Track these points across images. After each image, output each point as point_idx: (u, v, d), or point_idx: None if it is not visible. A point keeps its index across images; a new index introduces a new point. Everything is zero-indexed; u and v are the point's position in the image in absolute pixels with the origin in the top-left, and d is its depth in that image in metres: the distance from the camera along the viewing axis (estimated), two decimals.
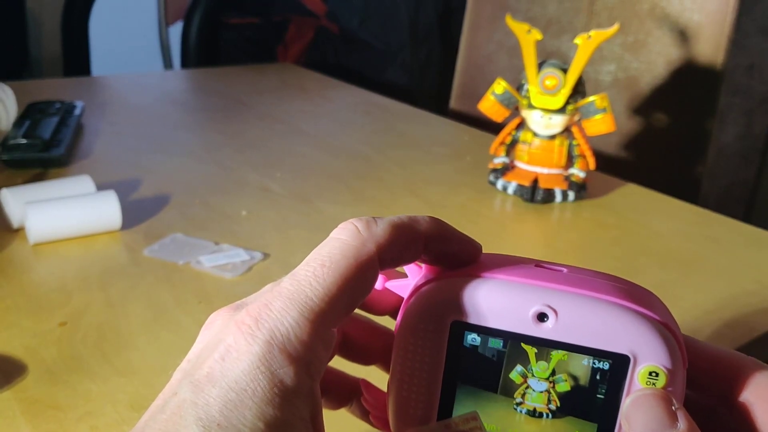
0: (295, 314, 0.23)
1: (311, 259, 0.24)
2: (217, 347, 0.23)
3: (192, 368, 0.23)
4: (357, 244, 0.24)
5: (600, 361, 0.24)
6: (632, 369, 0.24)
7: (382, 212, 0.79)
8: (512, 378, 0.25)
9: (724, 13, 1.08)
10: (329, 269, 0.24)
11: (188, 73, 1.56)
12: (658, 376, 0.24)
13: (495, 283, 0.25)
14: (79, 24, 1.85)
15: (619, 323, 0.24)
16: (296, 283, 0.24)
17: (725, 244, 0.75)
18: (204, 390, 0.22)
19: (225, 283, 0.62)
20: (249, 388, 0.22)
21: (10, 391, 0.47)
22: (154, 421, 0.22)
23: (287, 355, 0.22)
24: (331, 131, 1.09)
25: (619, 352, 0.24)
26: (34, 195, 0.71)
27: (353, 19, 1.86)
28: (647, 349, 0.24)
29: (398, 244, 0.25)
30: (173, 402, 0.22)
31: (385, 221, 0.25)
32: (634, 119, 1.18)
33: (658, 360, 0.24)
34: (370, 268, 0.24)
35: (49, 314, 0.56)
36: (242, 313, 0.23)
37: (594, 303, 0.24)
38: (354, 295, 0.24)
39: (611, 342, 0.24)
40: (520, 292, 0.25)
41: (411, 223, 0.25)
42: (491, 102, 0.85)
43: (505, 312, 0.25)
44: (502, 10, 1.32)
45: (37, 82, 1.34)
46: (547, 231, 0.79)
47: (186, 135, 1.06)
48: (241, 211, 0.78)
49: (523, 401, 0.25)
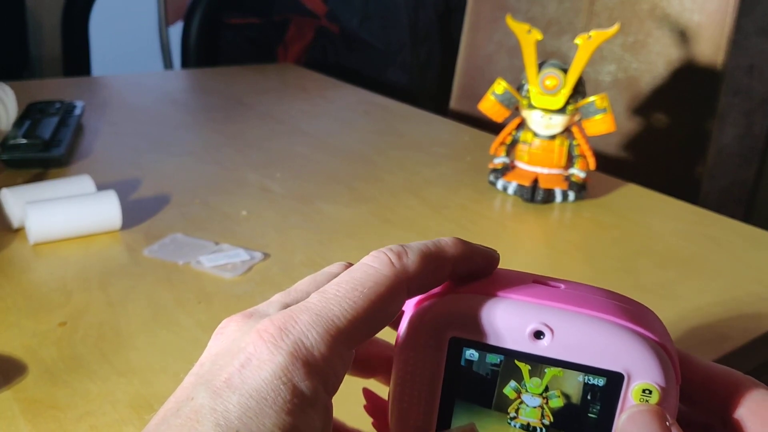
0: (321, 330, 0.23)
1: (342, 281, 0.25)
2: (237, 355, 0.23)
3: (208, 374, 0.23)
4: (389, 274, 0.25)
5: (594, 377, 0.25)
6: (626, 386, 0.25)
7: (381, 212, 0.79)
8: (506, 393, 0.26)
9: (724, 14, 1.08)
10: (360, 293, 0.24)
11: (188, 73, 1.56)
12: (651, 394, 0.25)
13: (493, 300, 0.26)
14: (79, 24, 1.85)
15: (613, 342, 0.25)
16: (325, 300, 0.24)
17: (725, 244, 0.75)
18: (223, 396, 0.22)
19: (225, 283, 0.62)
20: (270, 396, 0.22)
21: (9, 390, 0.47)
22: (168, 425, 0.22)
23: (309, 368, 0.23)
24: (331, 131, 1.09)
25: (613, 370, 0.25)
26: (34, 195, 0.71)
27: (353, 19, 1.86)
28: (641, 367, 0.25)
29: (427, 274, 0.26)
30: (189, 407, 0.22)
31: (415, 251, 0.26)
32: (634, 119, 1.18)
33: (651, 378, 0.25)
34: (398, 298, 0.25)
35: (48, 314, 0.56)
36: (265, 323, 0.23)
37: (589, 321, 0.25)
38: (379, 321, 0.25)
39: (606, 360, 0.25)
40: (517, 310, 0.25)
41: (438, 252, 0.26)
42: (491, 102, 0.85)
43: (502, 329, 0.25)
44: (502, 10, 1.32)
45: (37, 82, 1.34)
46: (547, 231, 0.79)
47: (186, 135, 1.06)
48: (241, 211, 0.78)
49: (517, 416, 0.26)
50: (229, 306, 0.59)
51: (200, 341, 0.54)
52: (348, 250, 0.70)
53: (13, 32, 1.78)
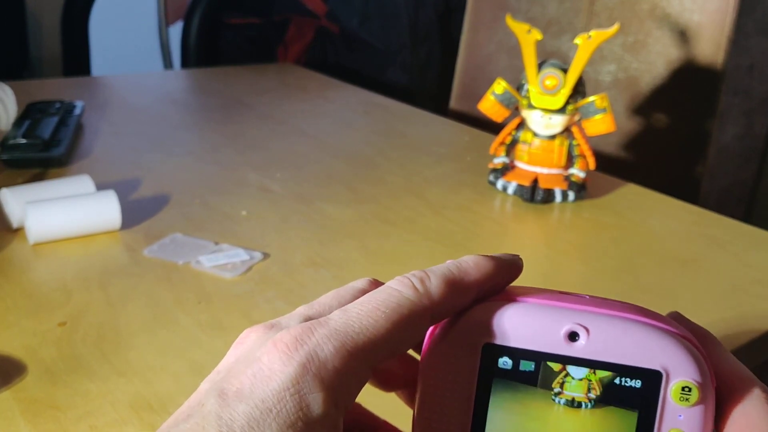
0: (337, 344, 0.23)
1: (366, 300, 0.25)
2: (251, 364, 0.23)
3: (222, 381, 0.23)
4: (412, 298, 0.25)
5: (631, 380, 0.25)
6: (665, 386, 0.24)
7: (381, 212, 0.79)
8: (550, 365, 0.25)
9: (724, 13, 1.08)
10: (382, 313, 0.24)
11: (188, 73, 1.56)
12: (690, 392, 0.24)
13: (525, 306, 0.26)
14: (79, 24, 1.84)
15: (649, 340, 0.25)
16: (346, 318, 0.24)
17: (725, 244, 0.75)
18: (230, 405, 0.22)
19: (225, 283, 0.62)
20: (275, 408, 0.22)
21: (9, 390, 0.47)
22: (177, 429, 0.22)
23: (320, 381, 0.22)
24: (331, 131, 1.09)
25: (651, 368, 0.24)
26: (34, 195, 0.71)
27: (353, 19, 1.86)
28: (678, 364, 0.24)
29: (451, 300, 0.26)
30: (199, 413, 0.22)
31: (438, 276, 0.26)
32: (634, 119, 1.18)
33: (689, 375, 0.24)
34: (421, 322, 0.25)
35: (48, 314, 0.56)
36: (282, 333, 0.23)
37: (623, 321, 0.25)
38: (399, 343, 0.25)
39: (643, 358, 0.25)
40: (550, 314, 0.25)
41: (462, 276, 0.26)
42: (491, 102, 0.85)
43: (536, 333, 0.25)
44: (502, 10, 1.32)
45: (37, 82, 1.34)
46: (547, 231, 0.79)
47: (186, 135, 1.06)
48: (241, 211, 0.78)
49: (562, 391, 0.25)
50: (229, 306, 0.59)
51: (200, 341, 0.54)
52: (348, 251, 0.70)
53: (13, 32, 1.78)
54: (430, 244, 0.73)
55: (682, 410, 0.24)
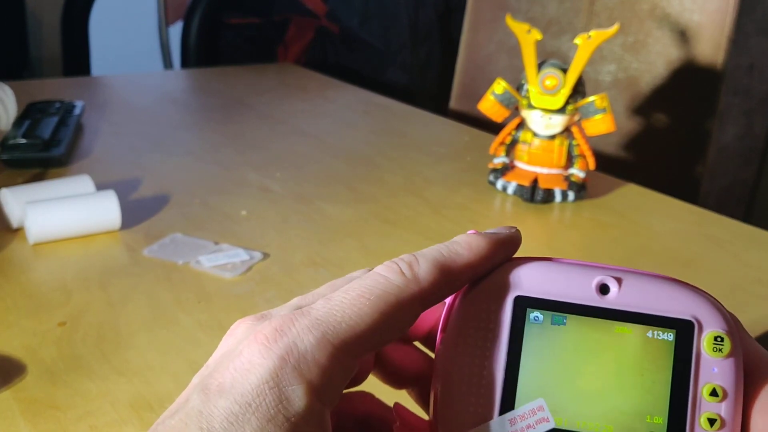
0: (318, 335, 0.22)
1: (351, 288, 0.24)
2: (234, 358, 0.23)
3: (208, 376, 0.23)
4: (401, 285, 0.24)
5: (663, 332, 0.25)
6: (697, 336, 0.24)
7: (381, 212, 0.79)
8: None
9: (724, 13, 1.08)
10: (368, 301, 0.23)
11: (188, 73, 1.56)
12: (723, 342, 0.24)
13: (554, 263, 0.26)
14: (79, 24, 1.84)
15: (679, 292, 0.25)
16: (329, 307, 0.23)
17: (725, 244, 0.75)
18: (212, 400, 0.22)
19: (225, 283, 0.62)
20: (254, 402, 0.21)
21: (9, 390, 0.47)
22: (164, 425, 0.22)
23: (300, 373, 0.22)
24: (331, 131, 1.09)
25: (683, 318, 0.25)
26: (34, 195, 0.71)
27: (353, 19, 1.86)
28: (708, 315, 0.25)
29: (442, 284, 0.25)
30: (184, 409, 0.22)
31: (428, 259, 0.25)
32: (634, 119, 1.18)
33: (720, 326, 0.25)
34: (410, 310, 0.24)
35: (48, 314, 0.56)
36: (264, 325, 0.23)
37: (651, 276, 0.26)
38: (388, 333, 0.24)
39: (674, 309, 0.25)
40: (580, 269, 0.26)
41: (454, 258, 0.25)
42: (491, 102, 0.85)
43: (568, 286, 0.25)
44: (502, 10, 1.32)
45: (37, 82, 1.34)
46: (547, 231, 0.79)
47: (186, 135, 1.06)
48: (241, 211, 0.78)
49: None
50: (229, 306, 0.59)
51: (200, 341, 0.54)
52: (348, 250, 0.70)
53: (13, 32, 1.78)
54: (430, 244, 0.73)
55: (716, 362, 0.24)
